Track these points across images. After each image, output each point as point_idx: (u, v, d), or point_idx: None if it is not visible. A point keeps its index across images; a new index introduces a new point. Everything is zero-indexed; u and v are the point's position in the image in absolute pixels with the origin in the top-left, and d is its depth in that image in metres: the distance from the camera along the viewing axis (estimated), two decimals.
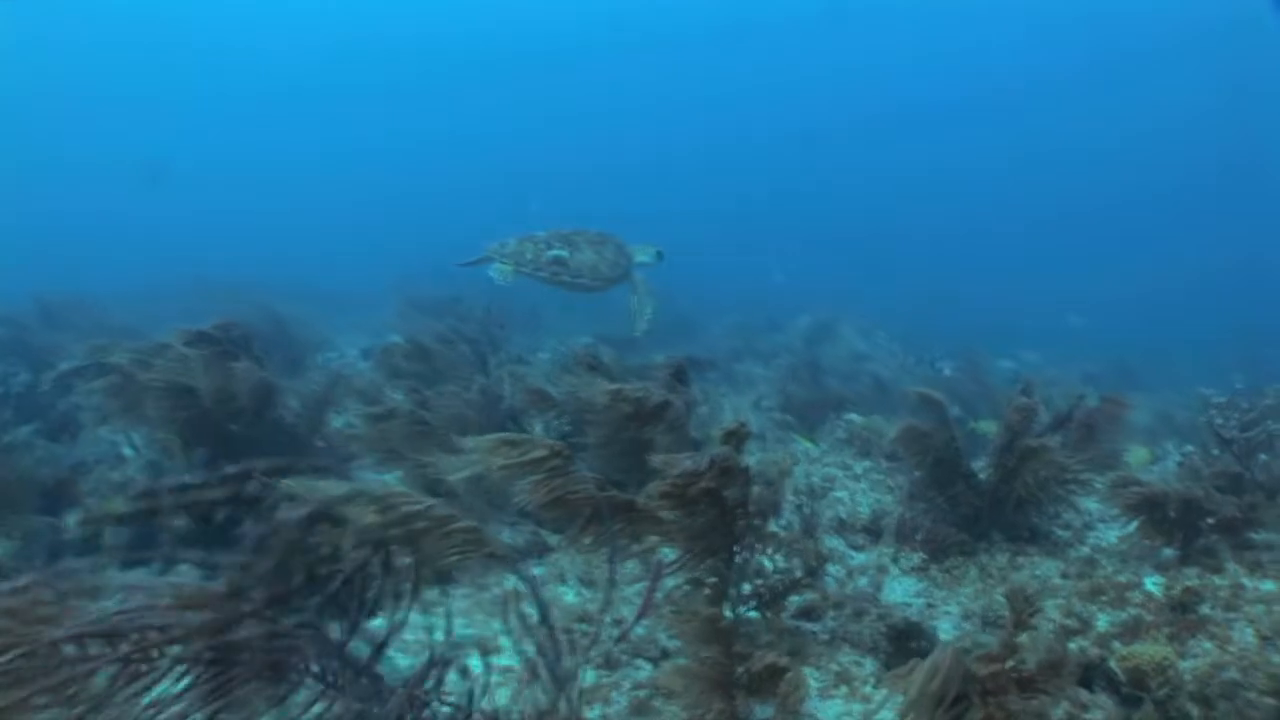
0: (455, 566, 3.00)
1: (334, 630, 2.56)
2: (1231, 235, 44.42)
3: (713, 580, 3.76)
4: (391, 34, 62.00)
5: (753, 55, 61.53)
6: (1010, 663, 2.82)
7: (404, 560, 2.80)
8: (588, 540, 3.42)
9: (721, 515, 3.57)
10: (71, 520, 6.10)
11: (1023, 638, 2.89)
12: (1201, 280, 35.35)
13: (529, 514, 5.56)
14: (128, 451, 6.81)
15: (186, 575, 5.61)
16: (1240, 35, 43.88)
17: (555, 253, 7.21)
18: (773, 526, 4.75)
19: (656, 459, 3.42)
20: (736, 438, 3.67)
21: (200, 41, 58.58)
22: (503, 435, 3.37)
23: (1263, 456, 6.09)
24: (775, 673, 2.98)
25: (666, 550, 3.77)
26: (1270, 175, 50.49)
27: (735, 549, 3.72)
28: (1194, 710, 3.79)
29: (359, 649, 2.71)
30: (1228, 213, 49.48)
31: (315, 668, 2.47)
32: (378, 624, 4.58)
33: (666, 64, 62.48)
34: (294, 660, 2.42)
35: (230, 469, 6.07)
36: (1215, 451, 6.56)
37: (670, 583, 3.83)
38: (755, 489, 3.79)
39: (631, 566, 3.90)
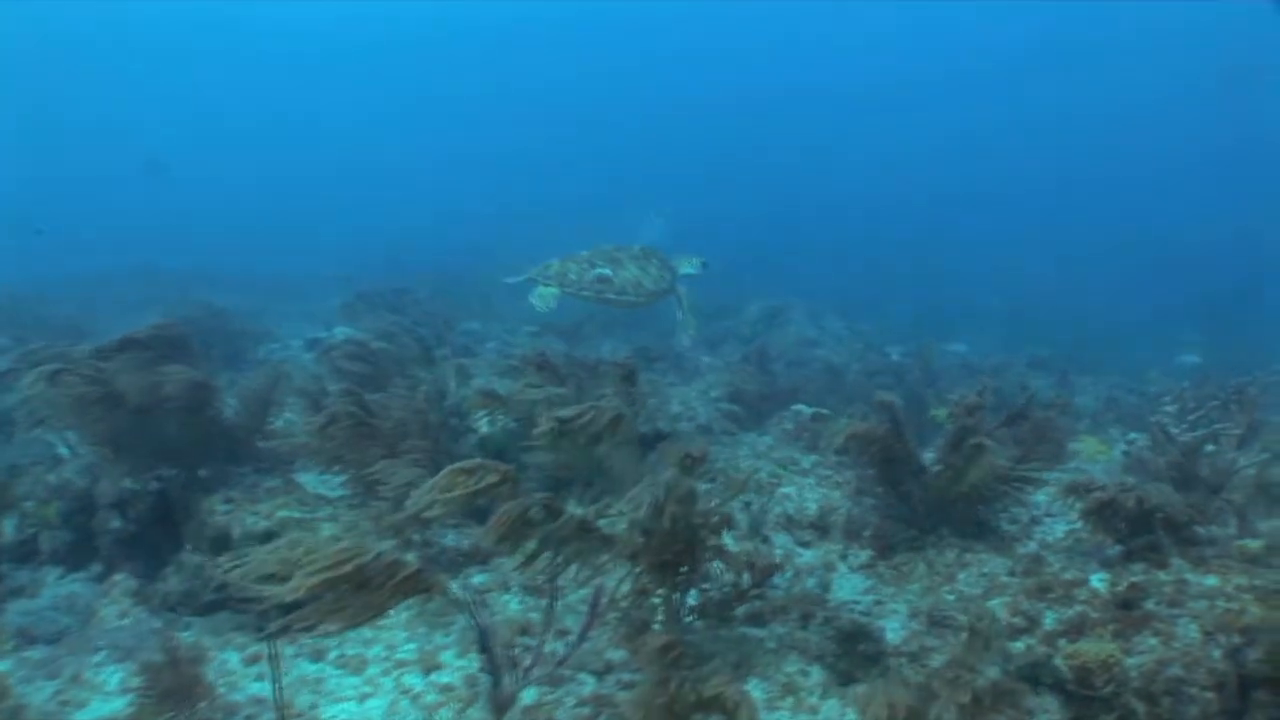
0: None
1: None
2: (1187, 215, 45.09)
3: (662, 591, 3.71)
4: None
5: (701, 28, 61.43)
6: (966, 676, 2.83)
7: None
8: (539, 564, 3.36)
9: (675, 536, 3.52)
10: (7, 524, 5.93)
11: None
12: (1151, 260, 35.78)
13: (473, 515, 5.48)
14: (64, 452, 6.63)
15: (124, 584, 5.47)
16: (1208, 19, 44.58)
17: (599, 271, 7.15)
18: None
19: (621, 504, 3.38)
20: (691, 462, 3.64)
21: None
22: (457, 465, 3.35)
23: (1210, 447, 6.14)
24: (725, 700, 2.94)
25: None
26: (1229, 158, 51.43)
27: (685, 567, 3.67)
28: (1139, 706, 3.81)
29: None
30: (1183, 194, 50.31)
31: None
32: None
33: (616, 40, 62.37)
34: None
35: (168, 472, 5.94)
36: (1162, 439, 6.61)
37: (618, 588, 3.77)
38: (704, 487, 3.76)
39: (577, 569, 3.83)
